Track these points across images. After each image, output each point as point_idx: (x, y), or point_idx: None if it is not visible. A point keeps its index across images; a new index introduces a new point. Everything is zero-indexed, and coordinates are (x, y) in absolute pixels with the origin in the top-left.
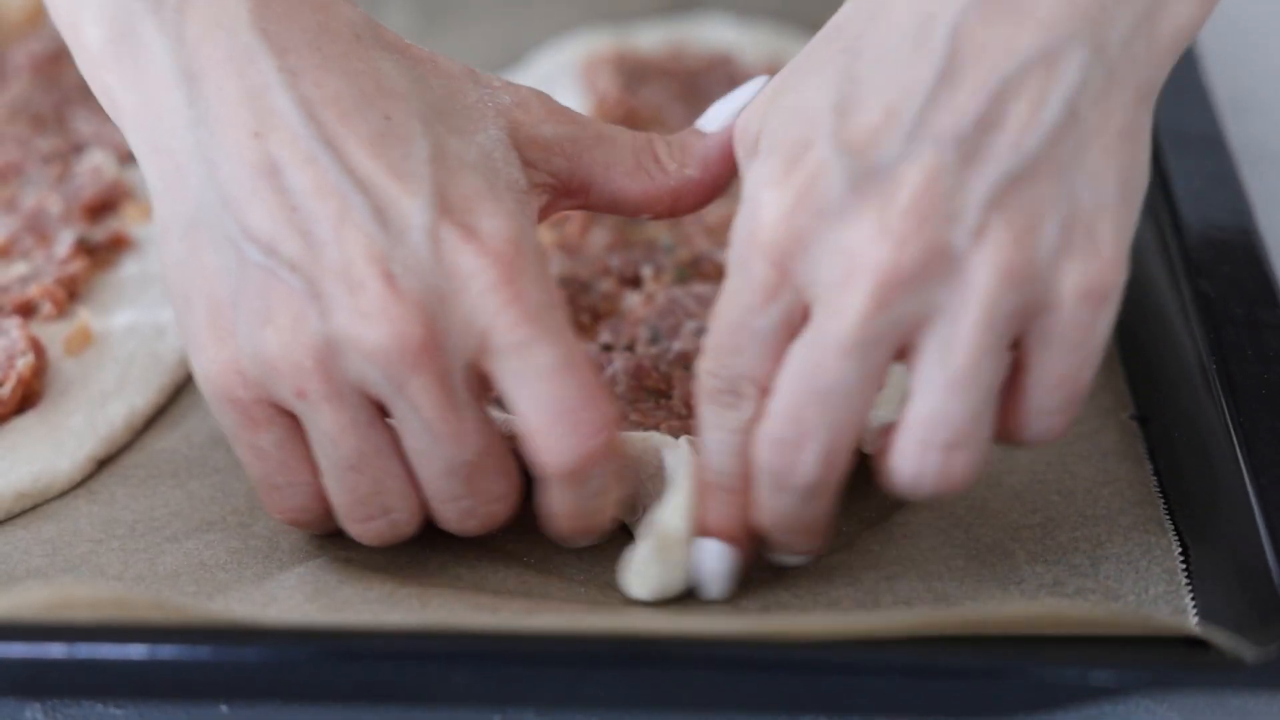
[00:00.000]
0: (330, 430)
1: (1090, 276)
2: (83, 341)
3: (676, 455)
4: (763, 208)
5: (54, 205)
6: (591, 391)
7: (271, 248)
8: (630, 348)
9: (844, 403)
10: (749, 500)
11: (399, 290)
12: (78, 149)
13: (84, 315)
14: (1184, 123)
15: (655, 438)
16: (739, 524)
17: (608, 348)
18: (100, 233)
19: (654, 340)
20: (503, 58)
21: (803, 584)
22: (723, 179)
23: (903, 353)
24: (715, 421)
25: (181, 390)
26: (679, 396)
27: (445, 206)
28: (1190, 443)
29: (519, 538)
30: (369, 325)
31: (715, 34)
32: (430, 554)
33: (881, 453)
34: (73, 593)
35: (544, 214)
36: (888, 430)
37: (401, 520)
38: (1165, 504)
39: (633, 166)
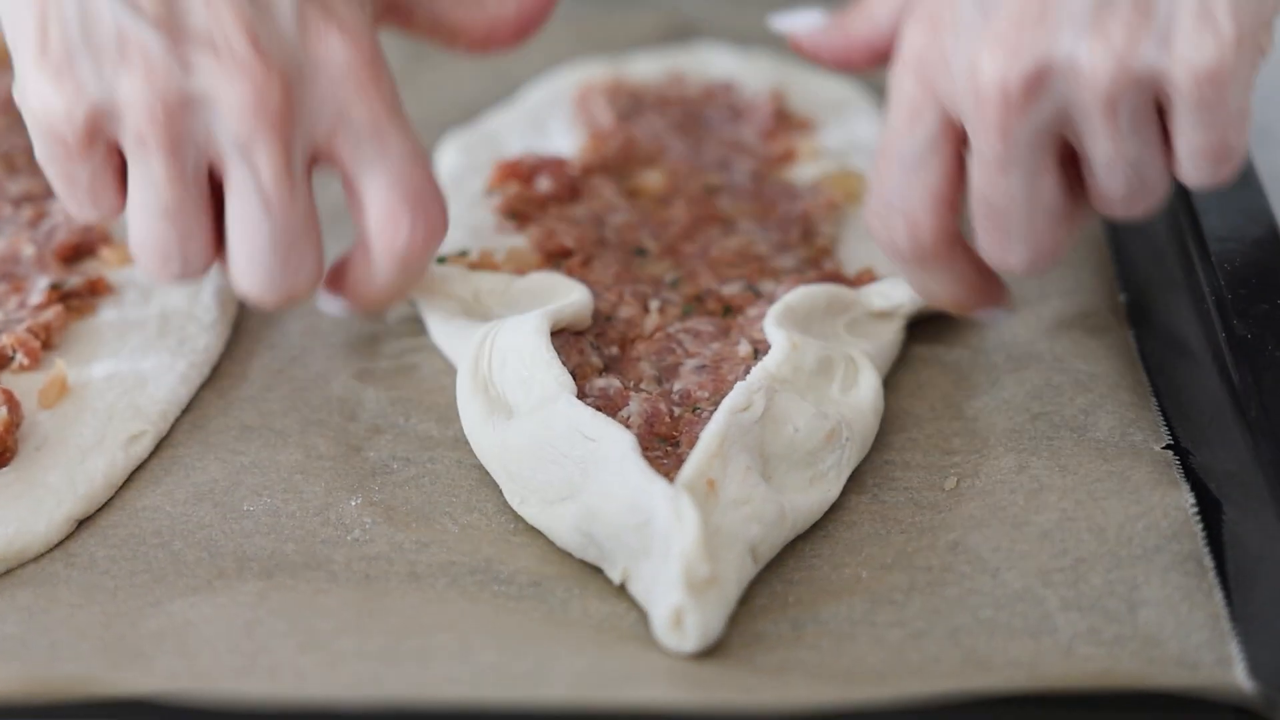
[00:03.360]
0: (158, 177)
1: (1205, 60)
2: (59, 393)
3: (670, 505)
4: (908, 35)
5: (27, 250)
6: (435, 182)
7: (134, 2)
8: (637, 386)
9: (1024, 209)
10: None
11: (264, 54)
12: (51, 191)
13: (60, 365)
14: None
15: (634, 482)
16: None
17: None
18: (76, 278)
19: (658, 380)
20: (496, 89)
21: (824, 642)
22: (535, 20)
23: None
24: (893, 261)
25: (163, 443)
26: (686, 443)
27: None
28: (1227, 479)
29: (534, 580)
30: (232, 84)
31: (714, 63)
32: (431, 603)
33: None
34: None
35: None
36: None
37: (194, 269)
38: (1204, 535)
39: None
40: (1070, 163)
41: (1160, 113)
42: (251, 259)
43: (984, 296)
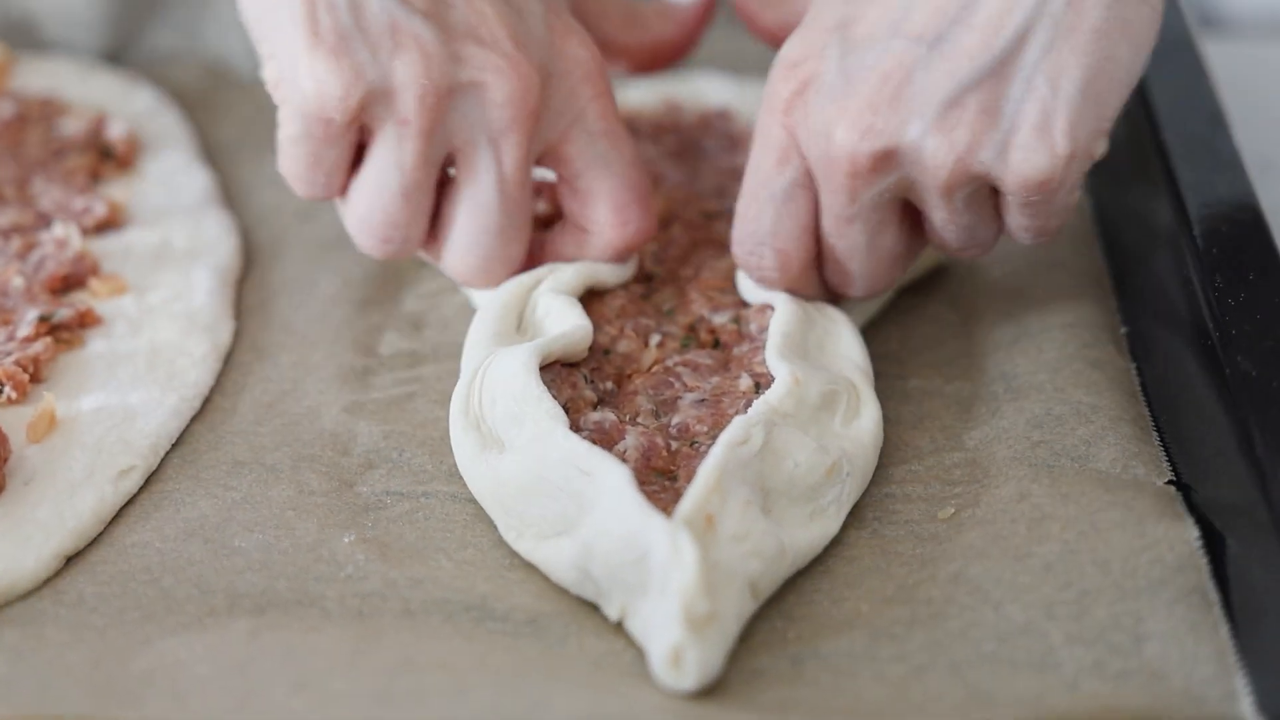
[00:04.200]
0: (408, 160)
1: (1032, 171)
2: (48, 427)
3: (668, 541)
4: (778, 84)
5: (15, 281)
6: (650, 187)
7: None
8: (634, 420)
9: (863, 253)
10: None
11: (526, 50)
12: (40, 222)
13: (49, 399)
14: (1216, 185)
15: (631, 517)
16: None
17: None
18: (65, 310)
19: (655, 414)
20: None
21: (825, 678)
22: (693, 39)
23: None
24: (758, 282)
25: (153, 478)
26: (684, 478)
27: (549, 3)
28: (1231, 513)
29: (529, 617)
30: (499, 76)
31: (710, 91)
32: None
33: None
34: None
35: None
36: None
37: (411, 246)
38: (1210, 567)
39: (621, 21)
40: (910, 208)
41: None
42: (474, 242)
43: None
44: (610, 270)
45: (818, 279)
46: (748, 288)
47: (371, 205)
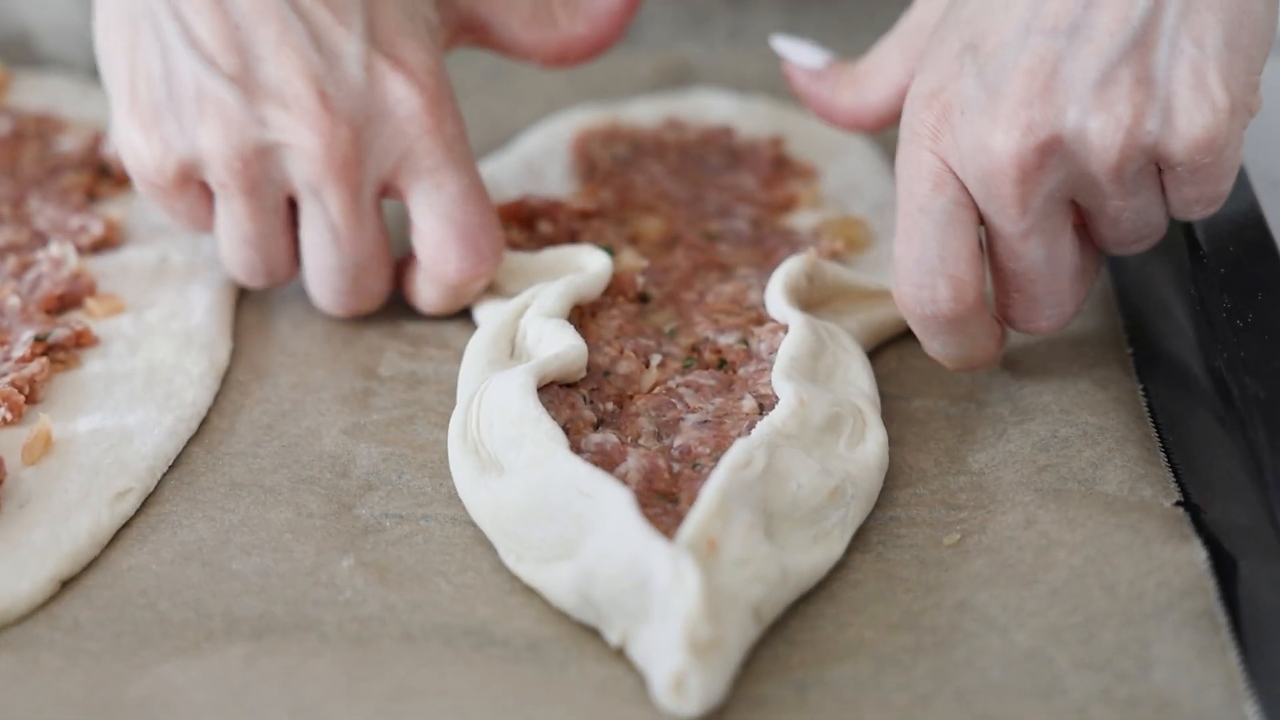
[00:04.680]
0: (239, 214)
1: (1199, 131)
2: (43, 448)
3: (671, 565)
4: (919, 115)
5: (11, 301)
6: (490, 219)
7: (212, 60)
8: (635, 441)
9: (1044, 273)
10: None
11: (332, 107)
12: (36, 241)
13: (44, 420)
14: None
15: (633, 541)
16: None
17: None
18: (61, 330)
19: (657, 435)
20: (492, 137)
21: (829, 706)
22: (608, 38)
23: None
24: (927, 331)
25: (150, 501)
26: (686, 500)
27: (375, 38)
28: (1241, 535)
29: (530, 643)
30: (301, 136)
31: (712, 108)
32: (425, 666)
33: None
34: None
35: (445, 48)
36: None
37: (280, 278)
38: (1218, 590)
39: (529, 16)
40: (1078, 218)
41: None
42: (323, 280)
43: (993, 356)
44: (589, 282)
45: (986, 323)
46: (773, 302)
47: (227, 251)
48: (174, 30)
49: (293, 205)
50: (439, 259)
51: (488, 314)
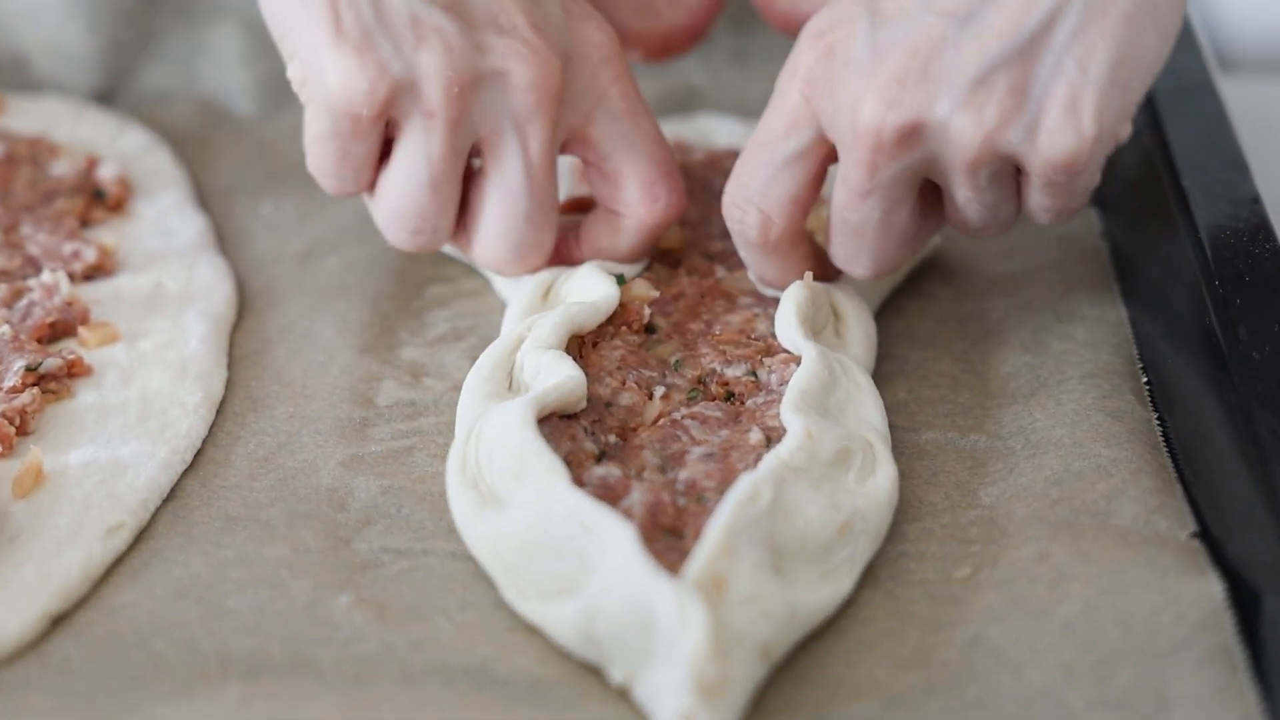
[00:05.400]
0: (435, 151)
1: (1059, 153)
2: (34, 482)
3: (677, 604)
4: (803, 52)
5: (1, 330)
6: (675, 165)
7: None
8: (639, 475)
9: (875, 230)
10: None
11: (546, 38)
12: (28, 268)
13: (35, 452)
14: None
15: (637, 578)
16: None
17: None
18: (53, 359)
19: (662, 469)
20: None
21: None
22: (704, 27)
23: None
24: (736, 244)
25: (143, 535)
26: (691, 535)
27: None
28: (1256, 566)
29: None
30: (521, 63)
31: (718, 130)
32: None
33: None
34: None
35: None
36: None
37: (439, 238)
38: (1236, 623)
39: (634, 7)
40: (927, 188)
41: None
42: (505, 229)
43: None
44: (586, 312)
45: (797, 257)
46: (785, 332)
47: (401, 198)
48: None
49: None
50: (649, 197)
51: (518, 291)
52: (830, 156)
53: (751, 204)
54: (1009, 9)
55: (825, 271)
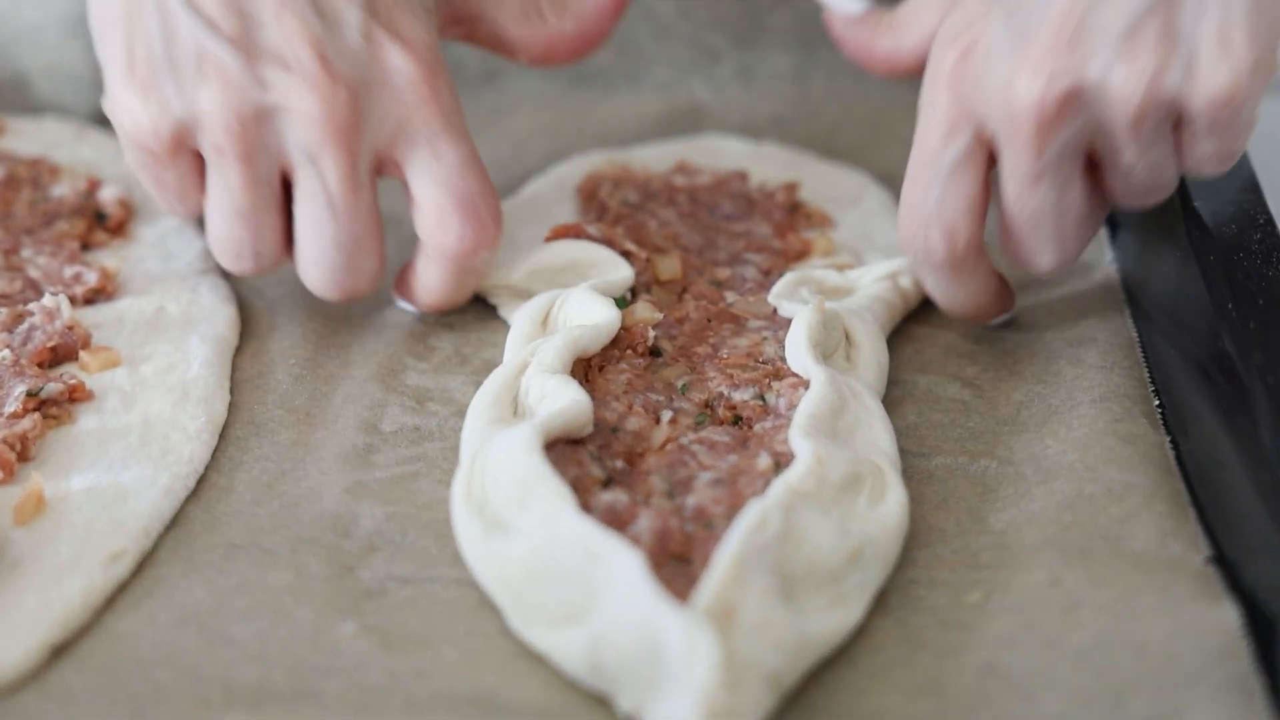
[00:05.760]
0: (233, 183)
1: (1221, 89)
2: (35, 509)
3: (686, 633)
4: (941, 58)
5: (2, 354)
6: (489, 189)
7: (212, 22)
8: (647, 501)
9: (1052, 216)
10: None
11: (332, 71)
12: (29, 291)
13: (36, 479)
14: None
15: (645, 606)
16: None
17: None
18: (54, 384)
19: (669, 495)
20: (499, 182)
21: None
22: (595, 38)
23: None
24: (923, 273)
25: (145, 562)
26: (699, 562)
27: (374, 9)
28: (1273, 592)
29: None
30: (302, 98)
31: (724, 151)
32: None
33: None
34: None
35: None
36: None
37: (266, 263)
38: (1252, 651)
39: (519, 11)
40: (1091, 166)
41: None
42: (317, 257)
43: (1002, 303)
44: (590, 336)
45: (985, 271)
46: (795, 355)
47: (216, 226)
48: None
49: (286, 189)
50: (441, 229)
51: (517, 317)
52: (992, 158)
53: (933, 220)
54: None
55: (1005, 294)
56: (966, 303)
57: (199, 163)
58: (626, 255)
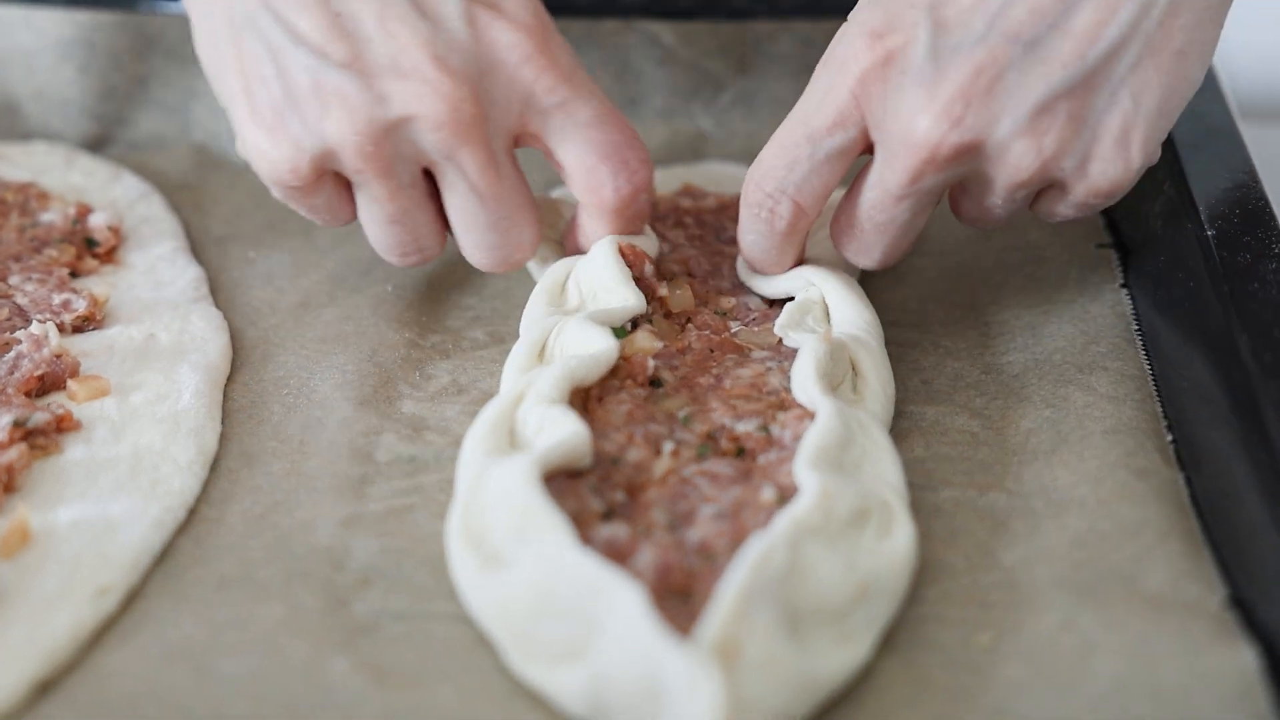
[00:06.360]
0: (379, 196)
1: (1109, 181)
2: (21, 541)
3: (689, 672)
4: (857, 51)
5: None
6: (630, 133)
7: (321, 51)
8: (648, 534)
9: (898, 229)
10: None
11: (449, 69)
12: (17, 318)
13: (22, 511)
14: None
15: (647, 643)
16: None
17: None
18: (41, 414)
19: (671, 528)
20: None
21: None
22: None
23: None
24: (750, 226)
25: (134, 596)
26: (700, 596)
27: None
28: None
29: None
30: (426, 104)
31: (726, 176)
32: None
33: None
34: None
35: None
36: None
37: (431, 253)
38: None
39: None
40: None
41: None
42: (476, 240)
43: (776, 270)
44: (587, 366)
45: (804, 243)
46: (801, 386)
47: (375, 235)
48: (277, 31)
49: (429, 175)
50: (595, 186)
51: (514, 349)
52: (861, 153)
53: (786, 195)
54: (1075, 38)
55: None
56: (770, 262)
57: (343, 181)
58: (639, 281)
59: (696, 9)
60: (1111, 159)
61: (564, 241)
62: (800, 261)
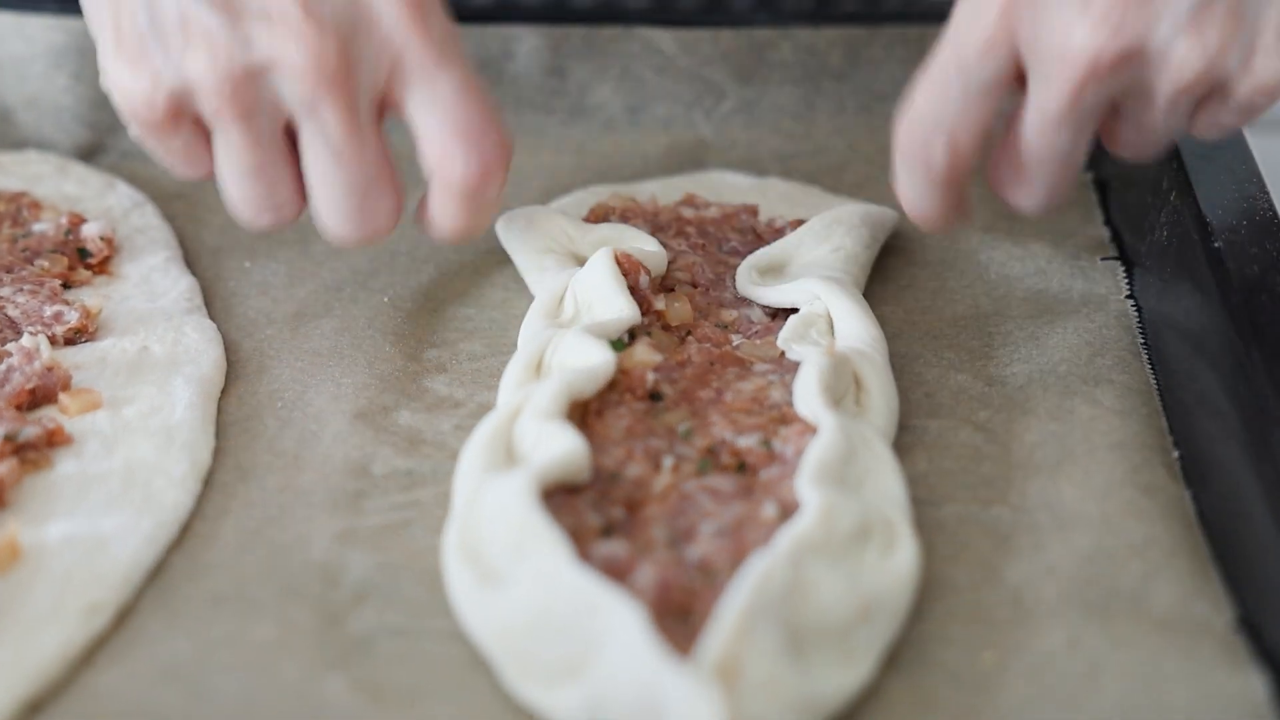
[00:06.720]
0: (237, 143)
1: (1270, 79)
2: (10, 558)
3: (690, 693)
4: None
5: None
6: (491, 114)
7: None
8: (647, 551)
9: (1060, 161)
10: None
11: (317, 19)
12: (8, 330)
13: (12, 526)
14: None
15: (646, 663)
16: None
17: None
18: (32, 428)
19: (671, 544)
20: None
21: None
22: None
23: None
24: (906, 178)
25: (126, 614)
26: (700, 614)
27: None
28: None
29: None
30: (289, 49)
31: (728, 185)
32: None
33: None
34: None
35: None
36: None
37: (286, 214)
38: None
39: None
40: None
41: None
42: (331, 204)
43: (964, 220)
44: (584, 379)
45: (966, 189)
46: (804, 400)
47: (230, 187)
48: None
49: (292, 137)
50: (445, 161)
51: (510, 363)
52: (1010, 91)
53: (942, 131)
54: None
55: (968, 212)
56: (934, 214)
57: (203, 127)
58: (633, 291)
59: (697, 16)
60: (1274, 51)
61: (415, 218)
62: (965, 216)
